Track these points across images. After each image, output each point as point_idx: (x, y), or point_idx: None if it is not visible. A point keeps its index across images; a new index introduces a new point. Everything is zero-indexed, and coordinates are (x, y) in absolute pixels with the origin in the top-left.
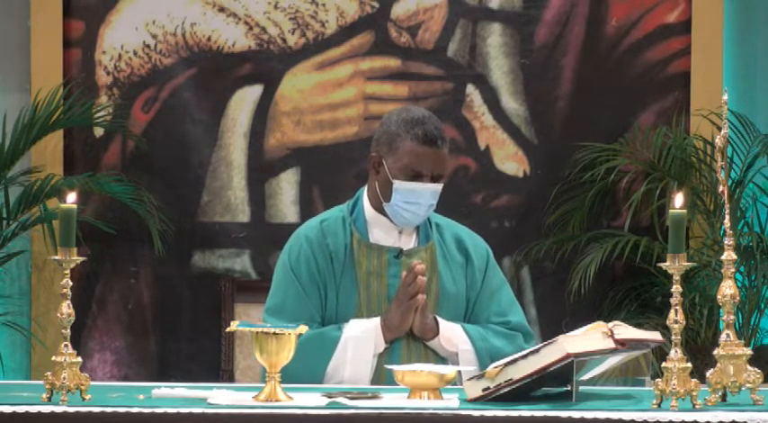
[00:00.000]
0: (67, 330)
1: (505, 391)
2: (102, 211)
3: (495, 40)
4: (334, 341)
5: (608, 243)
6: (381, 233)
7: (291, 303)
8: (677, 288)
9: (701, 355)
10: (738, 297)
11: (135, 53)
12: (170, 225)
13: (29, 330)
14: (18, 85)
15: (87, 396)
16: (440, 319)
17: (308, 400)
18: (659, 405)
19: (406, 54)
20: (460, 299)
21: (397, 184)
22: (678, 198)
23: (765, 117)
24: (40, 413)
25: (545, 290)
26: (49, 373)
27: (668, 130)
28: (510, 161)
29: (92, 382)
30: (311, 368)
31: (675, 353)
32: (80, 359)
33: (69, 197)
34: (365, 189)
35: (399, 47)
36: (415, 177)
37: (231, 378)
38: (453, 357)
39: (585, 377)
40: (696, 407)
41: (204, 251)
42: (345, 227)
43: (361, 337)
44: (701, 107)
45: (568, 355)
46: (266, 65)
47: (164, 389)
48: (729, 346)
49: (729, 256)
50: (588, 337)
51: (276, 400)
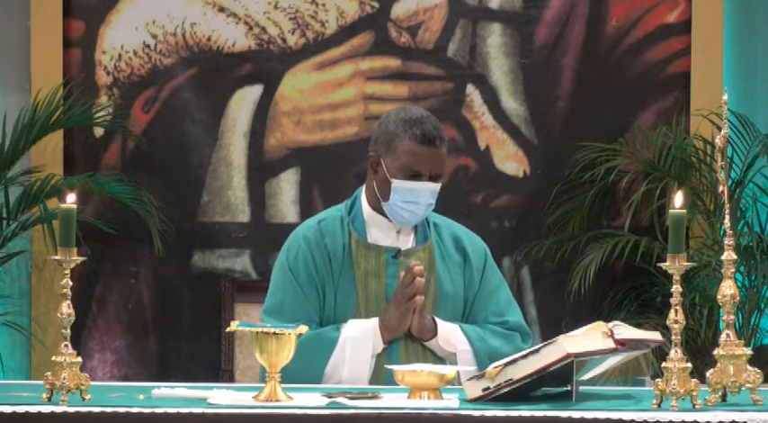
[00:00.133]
0: (67, 330)
1: (505, 391)
2: (102, 211)
3: (495, 40)
4: (332, 341)
5: (608, 243)
6: (379, 233)
7: (290, 304)
8: (677, 288)
9: (701, 355)
10: (738, 297)
11: (135, 53)
12: (170, 225)
13: (29, 330)
14: (18, 85)
15: (87, 396)
16: (438, 319)
17: (308, 400)
18: (659, 405)
19: (406, 54)
20: (458, 299)
21: (395, 183)
22: (678, 198)
23: (765, 117)
24: (40, 413)
25: (545, 290)
26: (49, 373)
27: (668, 130)
28: (510, 161)
29: (92, 382)
30: (310, 368)
31: (675, 353)
32: (80, 359)
33: (69, 197)
34: (363, 189)
35: (399, 47)
36: (414, 177)
37: (231, 378)
38: (451, 358)
39: (585, 377)
40: (696, 407)
41: (204, 251)
42: (343, 227)
43: (360, 337)
44: (700, 107)
45: (568, 355)
46: (266, 65)
47: (164, 389)
48: (729, 346)
49: (729, 256)
50: (588, 337)
51: (276, 400)
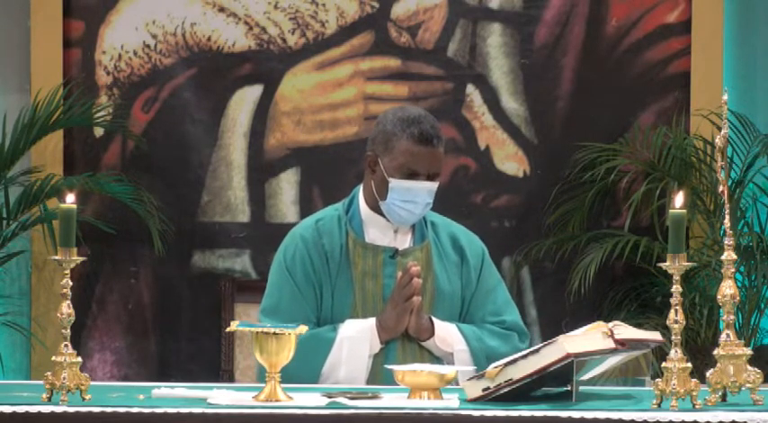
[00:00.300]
0: (67, 330)
1: (505, 391)
2: (102, 211)
3: (495, 40)
4: (329, 341)
5: (608, 243)
6: (377, 232)
7: (287, 304)
8: (677, 288)
9: (701, 355)
10: (738, 297)
11: (135, 53)
12: (170, 225)
13: (29, 330)
14: (18, 85)
15: (87, 396)
16: (435, 319)
17: (308, 400)
18: (659, 405)
19: (406, 54)
20: (456, 298)
21: (393, 182)
22: (678, 198)
23: (765, 117)
24: (40, 413)
25: (545, 290)
26: (49, 373)
27: (668, 130)
28: (510, 161)
29: (92, 382)
30: (307, 368)
31: (675, 353)
32: (80, 359)
33: (68, 197)
34: (361, 188)
35: (399, 47)
36: (411, 176)
37: (231, 378)
38: (448, 357)
39: (585, 377)
40: (696, 407)
41: (204, 251)
42: (341, 226)
43: (357, 337)
44: (701, 107)
45: (568, 355)
46: (266, 65)
47: (164, 389)
48: (729, 346)
49: (729, 256)
50: (588, 337)
51: (276, 400)
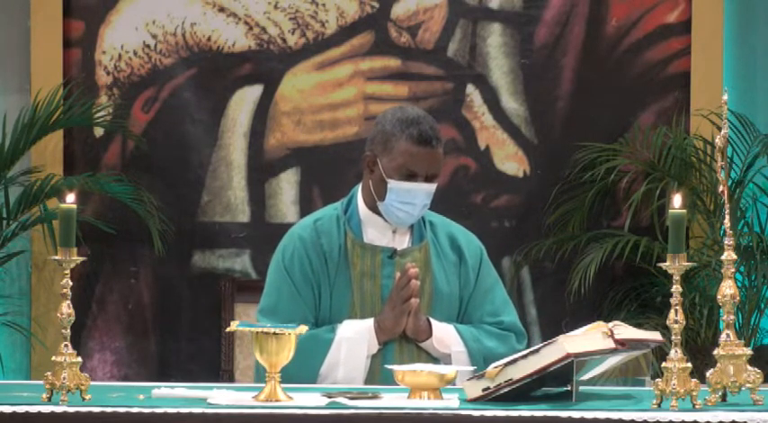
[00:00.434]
0: (67, 330)
1: (505, 391)
2: (102, 211)
3: (495, 40)
4: (327, 342)
5: (608, 243)
6: (375, 233)
7: (285, 304)
8: (677, 288)
9: (701, 355)
10: (738, 297)
11: (135, 53)
12: (170, 225)
13: (29, 330)
14: (18, 85)
15: (87, 396)
16: (433, 320)
17: (308, 400)
18: (659, 405)
19: (406, 54)
20: (454, 298)
21: (391, 183)
22: (677, 198)
23: (765, 117)
24: (40, 413)
25: (545, 290)
26: (49, 373)
27: (668, 130)
28: (510, 161)
29: (92, 382)
30: (305, 369)
31: (675, 353)
32: (80, 359)
33: (68, 197)
34: (359, 187)
35: (399, 47)
36: (410, 177)
37: (231, 378)
38: (446, 358)
39: (585, 377)
40: (696, 407)
41: (204, 251)
42: (339, 226)
43: (355, 338)
44: (701, 107)
45: (568, 355)
46: (266, 65)
47: (164, 389)
48: (729, 346)
49: (729, 256)
50: (588, 337)
51: (276, 400)
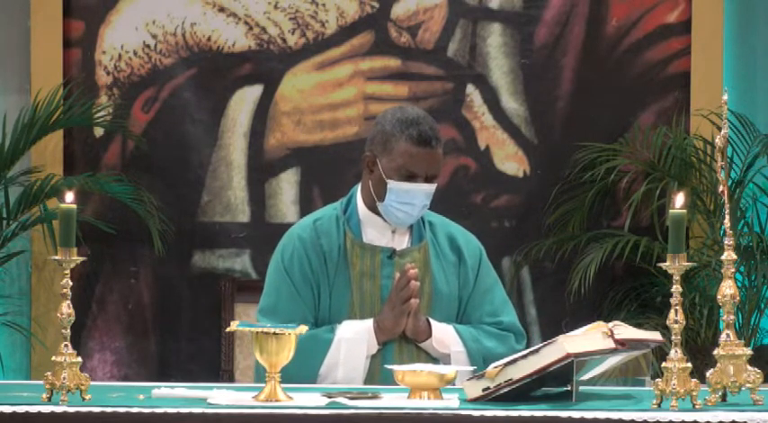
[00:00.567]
0: (67, 330)
1: (505, 391)
2: (102, 211)
3: (495, 40)
4: (327, 343)
5: (608, 243)
6: (375, 233)
7: (285, 304)
8: (677, 288)
9: (701, 355)
10: (738, 297)
11: (135, 53)
12: (170, 225)
13: (29, 330)
14: (18, 85)
15: (87, 396)
16: (432, 320)
17: (308, 400)
18: (659, 405)
19: (406, 54)
20: (453, 299)
21: (391, 184)
22: (678, 198)
23: (765, 117)
24: (40, 413)
25: (545, 290)
26: (49, 373)
27: (668, 130)
28: (510, 161)
29: (92, 382)
30: (304, 369)
31: (675, 353)
32: (80, 359)
33: (68, 196)
34: (358, 187)
35: (399, 47)
36: (410, 178)
37: (231, 378)
38: (445, 359)
39: (585, 377)
40: (696, 407)
41: (204, 251)
42: (339, 226)
43: (354, 338)
44: (701, 107)
45: (568, 355)
46: (266, 65)
47: (164, 389)
48: (729, 346)
49: (729, 256)
50: (588, 337)
51: (276, 400)
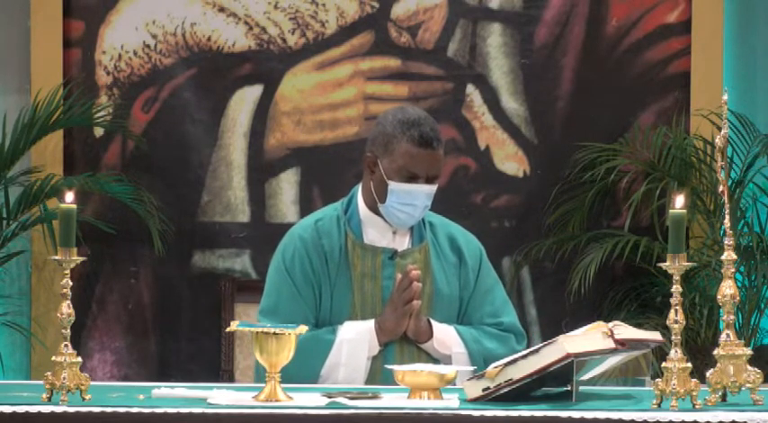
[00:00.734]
0: (67, 330)
1: (505, 391)
2: (102, 211)
3: (495, 40)
4: (328, 343)
5: (608, 243)
6: (376, 233)
7: (285, 304)
8: (677, 288)
9: (701, 355)
10: (738, 297)
11: (135, 53)
12: (170, 225)
13: (29, 330)
14: (18, 85)
15: (87, 396)
16: (433, 321)
17: (308, 400)
18: (659, 405)
19: (406, 54)
20: (454, 300)
21: (392, 185)
22: (680, 199)
23: (765, 117)
24: (39, 413)
25: (545, 290)
26: (49, 373)
27: (668, 130)
28: (510, 161)
29: (92, 382)
30: (306, 370)
31: (675, 353)
32: (80, 359)
33: (68, 196)
34: (359, 188)
35: (399, 47)
36: (411, 179)
37: (231, 378)
38: (446, 360)
39: (585, 377)
40: (696, 407)
41: (204, 251)
42: (340, 227)
43: (356, 339)
44: (701, 107)
45: (568, 355)
46: (266, 65)
47: (164, 389)
48: (729, 346)
49: (729, 256)
50: (588, 337)
51: (276, 400)
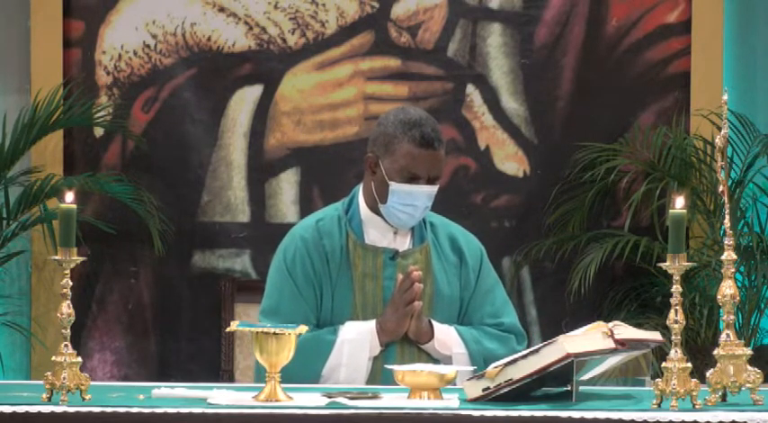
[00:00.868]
0: (67, 330)
1: (505, 391)
2: (102, 211)
3: (495, 40)
4: (329, 344)
5: (608, 243)
6: (377, 234)
7: (287, 304)
8: (677, 288)
9: (701, 355)
10: (738, 297)
11: (135, 53)
12: (170, 225)
13: (29, 330)
14: (18, 85)
15: (87, 396)
16: (434, 322)
17: (308, 400)
18: (659, 405)
19: (406, 54)
20: (454, 300)
21: (393, 186)
22: (679, 199)
23: (765, 117)
24: (40, 413)
25: (545, 290)
26: (49, 373)
27: (668, 130)
28: (510, 161)
29: (92, 382)
30: (307, 370)
31: (675, 353)
32: (80, 359)
33: (67, 196)
34: (360, 188)
35: (399, 47)
36: (412, 179)
37: (231, 378)
38: (447, 360)
39: (585, 377)
40: (696, 407)
41: (204, 251)
42: (341, 227)
43: (357, 340)
44: (701, 107)
45: (568, 355)
46: (266, 65)
47: (164, 389)
48: (729, 346)
49: (729, 256)
50: (588, 337)
51: (276, 400)
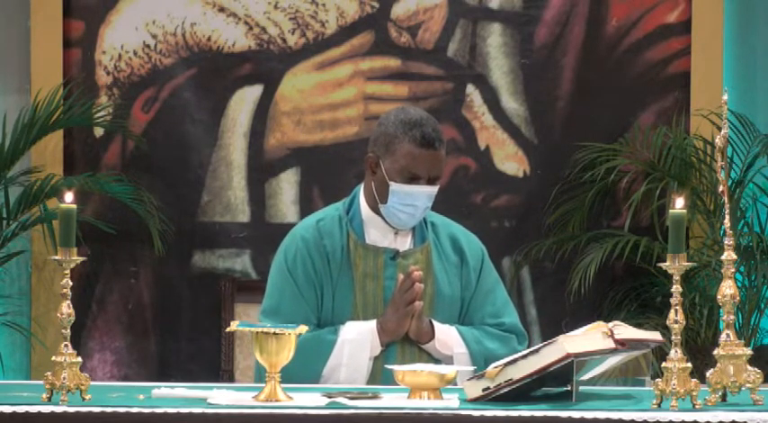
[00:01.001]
0: (67, 330)
1: (505, 391)
2: (102, 211)
3: (495, 40)
4: (330, 344)
5: (608, 243)
6: (377, 234)
7: (287, 305)
8: (677, 288)
9: (701, 355)
10: (738, 297)
11: (135, 53)
12: (170, 225)
13: (29, 330)
14: (18, 85)
15: (87, 396)
16: (435, 322)
17: (308, 400)
18: (659, 405)
19: (406, 54)
20: (455, 300)
21: (394, 186)
22: (679, 200)
23: (765, 117)
24: (39, 413)
25: (545, 290)
26: (49, 373)
27: (668, 130)
28: (510, 161)
29: (92, 382)
30: (307, 370)
31: (675, 353)
32: (80, 359)
33: (67, 196)
34: (361, 188)
35: (399, 47)
36: (413, 179)
37: (231, 378)
38: (448, 360)
39: (585, 377)
40: (696, 407)
41: (204, 251)
42: (342, 227)
43: (358, 340)
44: (701, 107)
45: (568, 355)
46: (266, 65)
47: (164, 389)
48: (729, 346)
49: (729, 256)
50: (588, 337)
51: (276, 400)
